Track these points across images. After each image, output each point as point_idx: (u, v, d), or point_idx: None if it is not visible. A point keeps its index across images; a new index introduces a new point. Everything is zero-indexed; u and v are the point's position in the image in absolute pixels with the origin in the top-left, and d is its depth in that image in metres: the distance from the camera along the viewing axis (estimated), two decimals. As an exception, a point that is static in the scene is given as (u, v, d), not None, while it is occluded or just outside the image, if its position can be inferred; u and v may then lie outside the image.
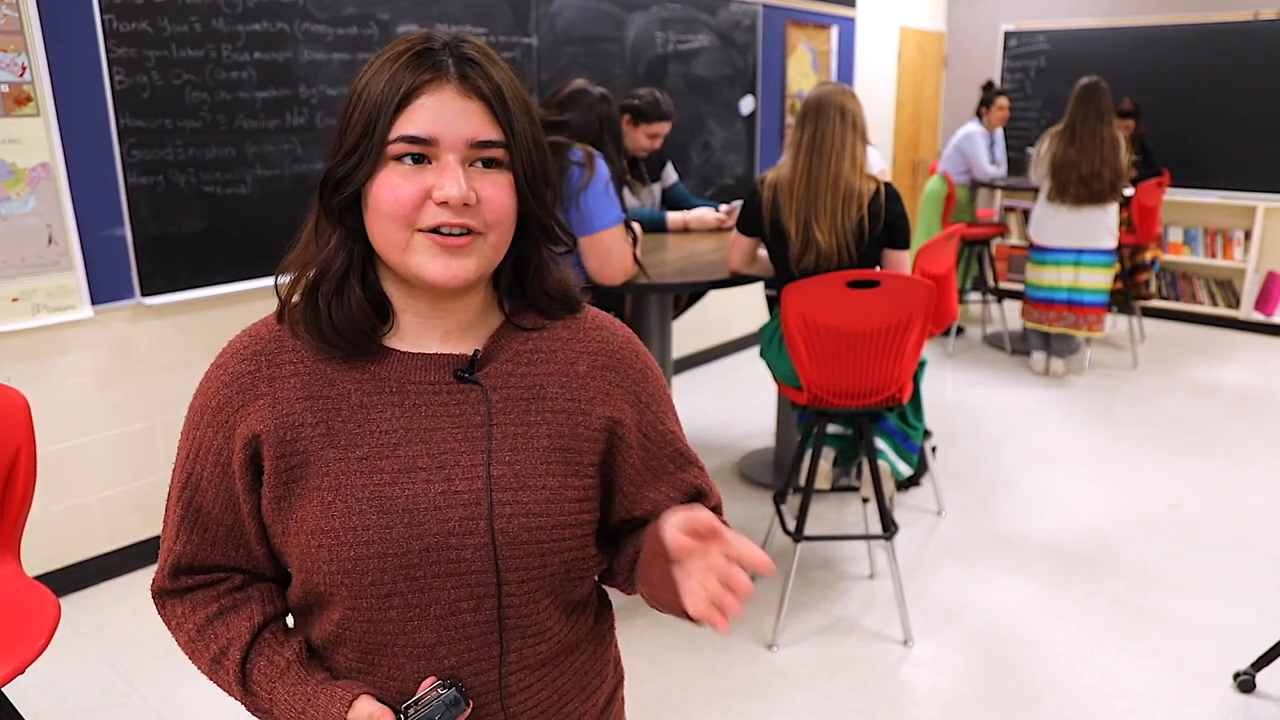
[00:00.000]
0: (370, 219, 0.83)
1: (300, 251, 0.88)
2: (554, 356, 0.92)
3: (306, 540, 0.83)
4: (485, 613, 0.86)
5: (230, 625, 0.90)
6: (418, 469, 0.85)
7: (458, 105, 0.81)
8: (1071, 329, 4.71)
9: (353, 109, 0.82)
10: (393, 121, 0.80)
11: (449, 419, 0.87)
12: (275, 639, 0.90)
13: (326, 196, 0.84)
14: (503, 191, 0.83)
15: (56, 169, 2.50)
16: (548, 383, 0.90)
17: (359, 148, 0.81)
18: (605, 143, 2.55)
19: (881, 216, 2.51)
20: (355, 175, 0.82)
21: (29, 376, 2.57)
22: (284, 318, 0.89)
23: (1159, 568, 2.91)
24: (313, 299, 0.86)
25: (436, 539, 0.83)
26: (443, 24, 3.32)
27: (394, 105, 0.80)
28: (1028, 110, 6.53)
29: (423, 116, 0.80)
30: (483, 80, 0.82)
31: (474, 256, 0.83)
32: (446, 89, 0.81)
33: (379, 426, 0.85)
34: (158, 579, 0.93)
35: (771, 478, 3.57)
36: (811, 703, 2.28)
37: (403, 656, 0.86)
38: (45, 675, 2.34)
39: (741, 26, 4.80)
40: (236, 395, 0.86)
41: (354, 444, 0.85)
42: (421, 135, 0.80)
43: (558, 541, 0.87)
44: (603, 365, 0.93)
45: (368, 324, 0.86)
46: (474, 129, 0.81)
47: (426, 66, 0.81)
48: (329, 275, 0.85)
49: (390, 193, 0.80)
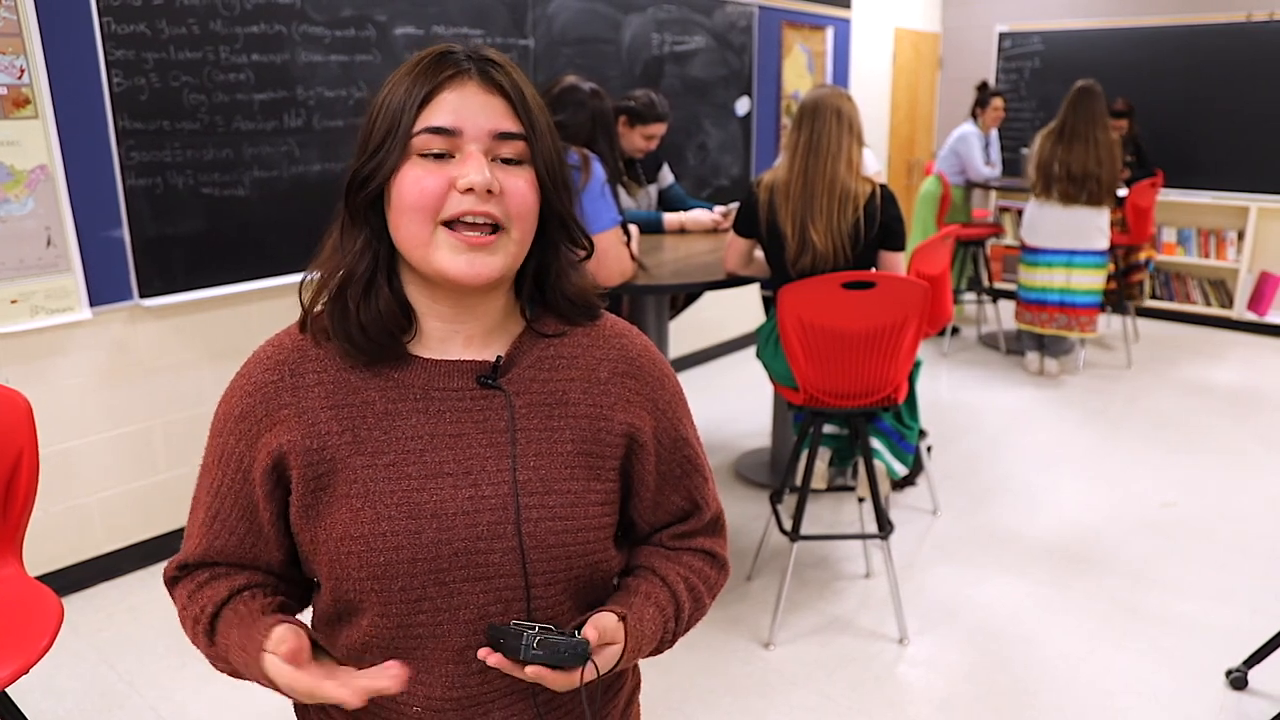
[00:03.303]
0: (394, 214, 0.84)
1: (324, 260, 0.89)
2: (575, 363, 0.93)
3: (336, 547, 0.84)
4: (513, 615, 0.87)
5: (216, 589, 0.91)
6: (445, 474, 0.85)
7: (480, 99, 0.83)
8: (1064, 330, 4.73)
9: (377, 113, 0.84)
10: (417, 115, 0.82)
11: (474, 424, 0.88)
12: (251, 596, 0.90)
13: (352, 194, 0.85)
14: (525, 185, 0.85)
15: (55, 171, 2.50)
16: (570, 388, 0.91)
17: (384, 145, 0.82)
18: (599, 140, 2.55)
19: (877, 218, 2.52)
20: (381, 170, 0.83)
21: (27, 378, 2.57)
22: (306, 326, 0.90)
23: (1153, 566, 2.93)
24: (340, 302, 0.86)
25: (465, 543, 0.84)
26: (440, 26, 3.33)
27: (419, 101, 0.82)
28: (1022, 111, 6.55)
29: (446, 108, 0.82)
30: (503, 77, 0.84)
31: (498, 254, 0.84)
32: (469, 84, 0.83)
33: (405, 433, 0.86)
34: (169, 569, 0.95)
35: (768, 477, 3.59)
36: (809, 701, 2.29)
37: (432, 659, 0.86)
38: (45, 676, 2.35)
39: (737, 28, 4.81)
40: (260, 405, 0.87)
41: (381, 451, 0.85)
42: (446, 126, 0.81)
43: (582, 545, 0.88)
44: (623, 372, 0.94)
45: (395, 325, 0.86)
46: (496, 121, 0.83)
47: (446, 64, 0.83)
48: (356, 277, 0.86)
49: (414, 184, 0.81)
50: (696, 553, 1.01)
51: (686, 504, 1.00)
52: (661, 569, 0.97)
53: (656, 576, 0.97)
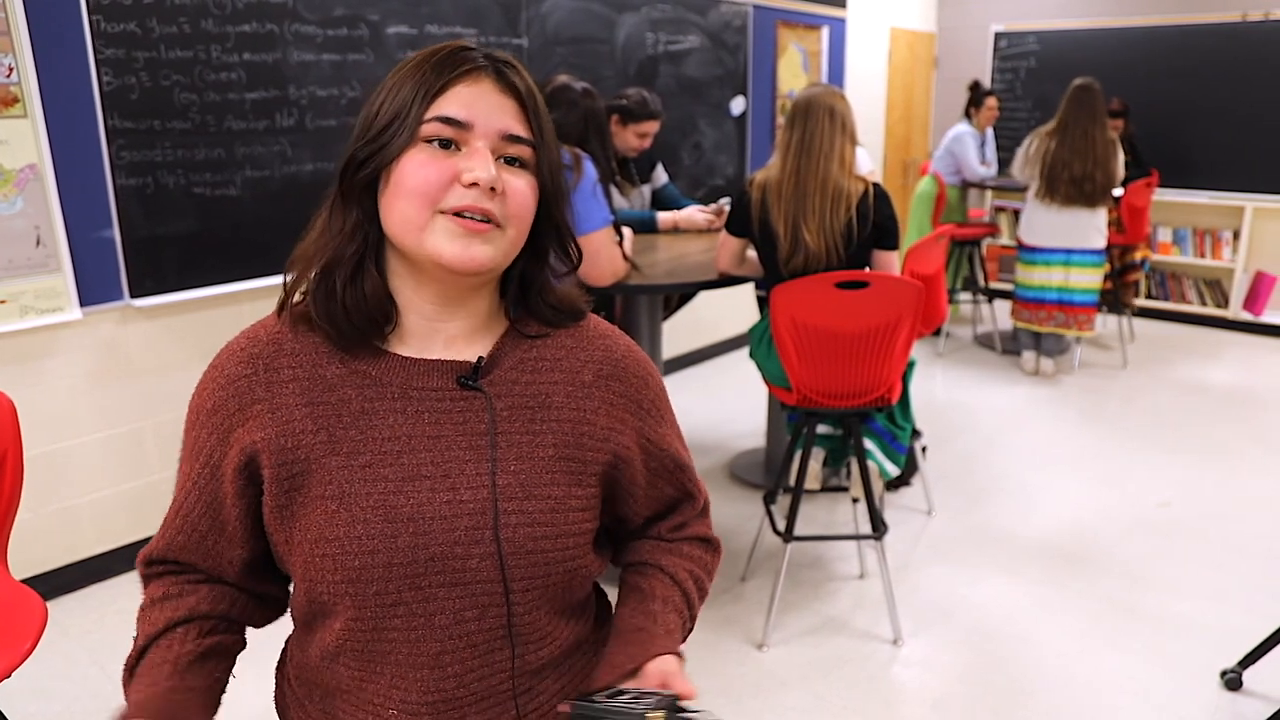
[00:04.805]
0: (390, 197, 0.82)
1: (309, 244, 0.87)
2: (559, 365, 0.92)
3: (310, 549, 0.83)
4: (489, 621, 0.85)
5: (157, 615, 0.89)
6: (422, 477, 0.84)
7: (494, 98, 0.83)
8: (1061, 329, 4.73)
9: (383, 98, 0.83)
10: (429, 103, 0.81)
11: (453, 426, 0.86)
12: (183, 635, 0.88)
13: (349, 175, 0.83)
14: (527, 188, 0.85)
15: (44, 170, 2.49)
16: (553, 391, 0.90)
17: (389, 128, 0.81)
18: (590, 140, 2.55)
19: (870, 218, 2.51)
20: (384, 152, 0.81)
21: (17, 379, 2.56)
22: (284, 311, 0.88)
23: (1148, 566, 2.92)
24: (327, 284, 0.84)
25: (442, 548, 0.83)
26: (433, 25, 3.32)
27: (433, 90, 0.81)
28: (1018, 110, 6.55)
29: (460, 101, 0.81)
30: (519, 80, 0.84)
31: (492, 245, 0.83)
32: (484, 81, 0.83)
33: (381, 434, 0.85)
34: (143, 555, 0.93)
35: (762, 478, 3.58)
36: (802, 702, 2.29)
37: (406, 665, 0.85)
38: (33, 678, 2.33)
39: (732, 27, 4.80)
40: (232, 399, 0.85)
41: (356, 451, 0.84)
42: (458, 118, 0.81)
43: (561, 550, 0.87)
44: (607, 374, 0.93)
45: (379, 312, 0.85)
46: (507, 122, 0.83)
47: (464, 60, 0.83)
48: (345, 259, 0.84)
49: (418, 169, 0.80)
50: (693, 540, 1.03)
51: (678, 493, 1.01)
52: (669, 566, 0.99)
53: (665, 574, 0.99)
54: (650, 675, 0.89)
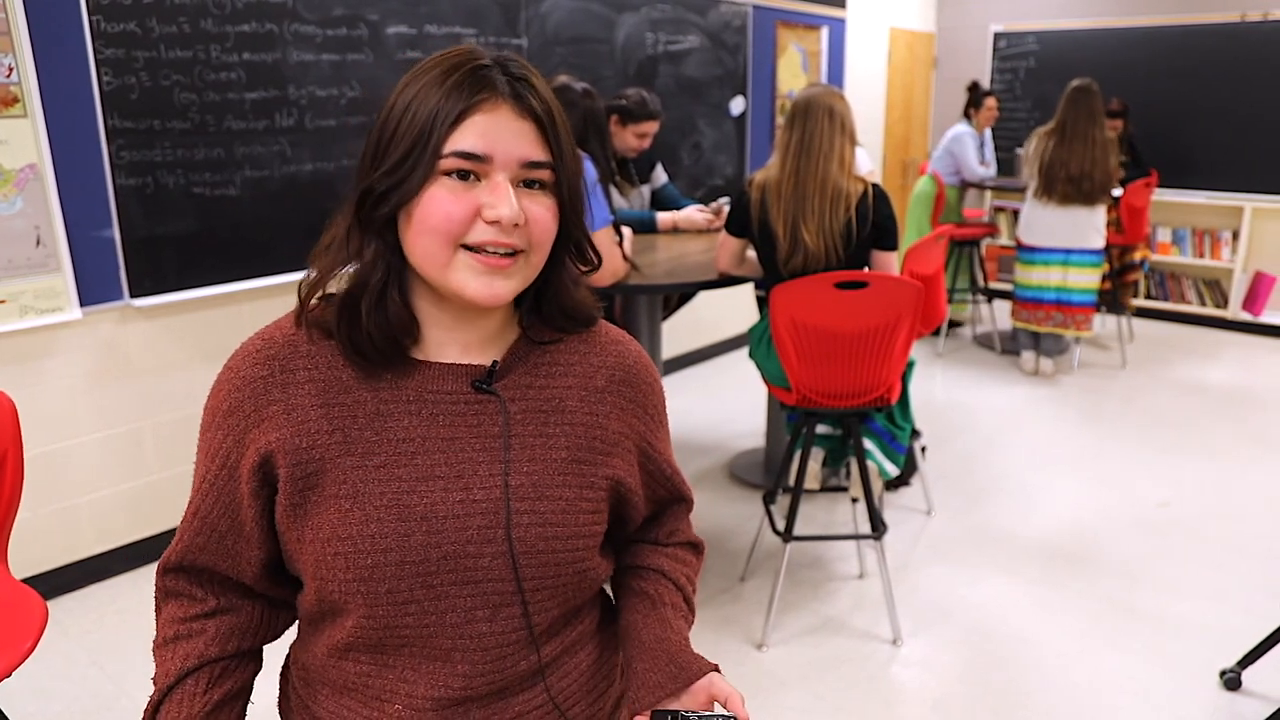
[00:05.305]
0: (412, 234, 0.81)
1: (326, 256, 0.86)
2: (572, 370, 0.93)
3: (323, 548, 0.83)
4: (500, 621, 0.86)
5: (165, 660, 0.90)
6: (435, 477, 0.85)
7: (513, 125, 0.81)
8: (1060, 329, 4.73)
9: (399, 122, 0.81)
10: (447, 136, 0.79)
11: (467, 429, 0.87)
12: (192, 690, 0.89)
13: (367, 210, 0.82)
14: (548, 213, 0.84)
15: (44, 170, 2.49)
16: (567, 395, 0.91)
17: (407, 161, 0.80)
18: (590, 140, 2.55)
19: (869, 218, 2.52)
20: (403, 189, 0.80)
21: (17, 378, 2.56)
22: (302, 320, 0.87)
23: (1147, 566, 2.92)
24: (352, 310, 0.84)
25: (455, 547, 0.84)
26: (432, 25, 3.32)
27: (450, 120, 0.79)
28: (1017, 111, 6.55)
29: (477, 132, 0.79)
30: (535, 100, 0.82)
31: (515, 277, 0.83)
32: (502, 108, 0.81)
33: (396, 435, 0.85)
34: (160, 564, 0.93)
35: (761, 478, 3.58)
36: (802, 702, 2.29)
37: (418, 658, 0.86)
38: (33, 678, 2.34)
39: (731, 27, 4.80)
40: (248, 400, 0.85)
41: (371, 452, 0.84)
42: (476, 152, 0.79)
43: (571, 552, 0.88)
44: (619, 380, 0.95)
45: (405, 334, 0.86)
46: (526, 149, 0.81)
47: (481, 84, 0.80)
48: (370, 287, 0.84)
49: (439, 208, 0.79)
50: (684, 546, 1.07)
51: (670, 495, 1.04)
52: (670, 570, 1.03)
53: (668, 580, 1.02)
54: (698, 693, 0.91)
